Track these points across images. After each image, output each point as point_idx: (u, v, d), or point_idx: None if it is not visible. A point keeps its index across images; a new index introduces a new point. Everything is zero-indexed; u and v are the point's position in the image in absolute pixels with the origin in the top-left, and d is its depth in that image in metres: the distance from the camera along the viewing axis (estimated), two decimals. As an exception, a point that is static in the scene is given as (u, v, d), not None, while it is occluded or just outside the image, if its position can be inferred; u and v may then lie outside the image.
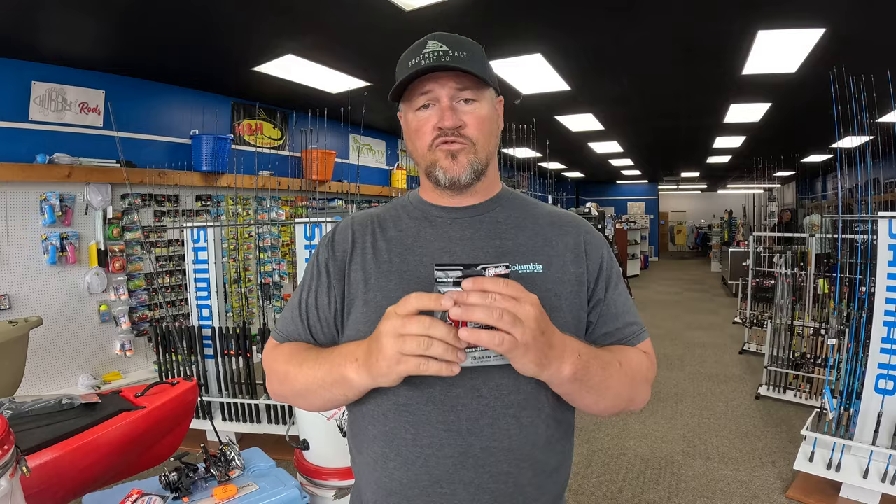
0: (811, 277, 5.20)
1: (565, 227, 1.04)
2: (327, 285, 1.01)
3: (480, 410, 0.91)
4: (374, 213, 1.09)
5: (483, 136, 0.97)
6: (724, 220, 17.26)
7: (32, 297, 4.25)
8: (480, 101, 0.97)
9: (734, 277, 9.57)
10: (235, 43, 4.28)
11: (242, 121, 6.16)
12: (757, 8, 3.67)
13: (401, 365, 0.74)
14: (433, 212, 1.04)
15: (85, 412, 2.15)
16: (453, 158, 0.95)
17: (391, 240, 1.02)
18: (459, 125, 0.94)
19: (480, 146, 0.97)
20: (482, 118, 0.97)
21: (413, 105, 0.98)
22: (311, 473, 2.54)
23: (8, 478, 1.34)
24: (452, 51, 0.94)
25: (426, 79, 0.94)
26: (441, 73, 0.94)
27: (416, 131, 0.98)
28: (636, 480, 3.40)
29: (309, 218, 3.48)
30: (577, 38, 4.30)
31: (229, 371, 3.82)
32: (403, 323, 0.73)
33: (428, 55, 0.93)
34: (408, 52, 0.98)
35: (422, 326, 0.72)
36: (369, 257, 1.00)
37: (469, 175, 0.96)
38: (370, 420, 0.97)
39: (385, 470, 0.95)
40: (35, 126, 4.32)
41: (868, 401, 2.96)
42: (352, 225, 1.06)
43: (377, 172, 8.35)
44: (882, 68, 3.55)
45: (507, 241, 1.00)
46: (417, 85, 0.95)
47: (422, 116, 0.97)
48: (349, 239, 1.04)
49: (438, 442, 0.91)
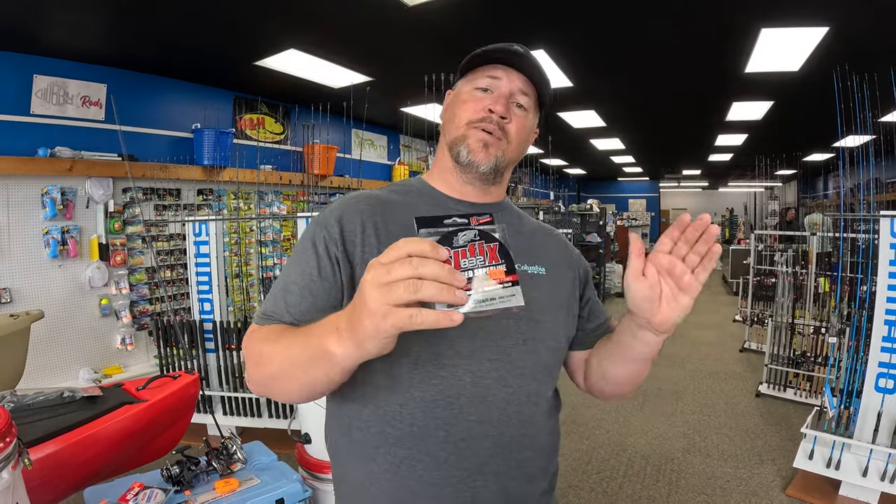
0: (812, 276, 5.20)
1: (552, 238, 1.14)
2: (331, 269, 0.92)
3: (507, 399, 0.92)
4: (380, 194, 1.03)
5: (518, 140, 1.02)
6: (726, 218, 17.28)
7: (33, 290, 4.25)
8: (529, 114, 1.03)
9: (735, 275, 9.58)
10: (238, 37, 4.27)
11: (244, 115, 6.15)
12: (761, 6, 3.66)
13: (388, 319, 0.61)
14: (448, 203, 1.04)
15: (86, 405, 2.16)
16: (484, 147, 0.98)
17: (404, 225, 0.91)
18: (507, 117, 0.98)
19: (512, 148, 1.01)
20: (524, 126, 1.02)
21: (474, 82, 1.01)
22: (312, 467, 2.54)
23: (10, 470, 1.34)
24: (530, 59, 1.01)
25: (498, 66, 1.00)
26: (514, 70, 1.00)
27: (464, 103, 1.00)
28: (636, 477, 3.41)
29: (310, 212, 3.48)
30: (579, 35, 4.29)
31: (230, 365, 3.82)
32: (388, 269, 0.62)
33: (512, 52, 0.99)
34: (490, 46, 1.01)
35: (409, 268, 0.60)
36: (384, 240, 0.93)
37: (489, 167, 0.99)
38: (388, 422, 0.90)
39: (412, 472, 0.90)
40: (37, 119, 4.31)
41: (868, 399, 2.96)
42: (358, 206, 0.97)
43: (379, 167, 8.34)
44: (885, 68, 3.55)
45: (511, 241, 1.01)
46: (488, 69, 1.00)
47: (476, 94, 1.00)
48: (357, 221, 0.95)
49: (472, 435, 0.90)
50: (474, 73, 1.02)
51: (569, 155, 12.25)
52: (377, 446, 0.91)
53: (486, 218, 0.70)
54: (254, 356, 0.87)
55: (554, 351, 1.02)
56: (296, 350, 0.78)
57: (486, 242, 0.69)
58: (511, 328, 0.95)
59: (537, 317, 0.98)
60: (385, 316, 0.61)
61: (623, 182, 19.40)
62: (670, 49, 4.58)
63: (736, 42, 4.37)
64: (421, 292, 0.60)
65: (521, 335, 0.95)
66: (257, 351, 0.87)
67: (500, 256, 0.68)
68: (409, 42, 4.36)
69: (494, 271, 0.67)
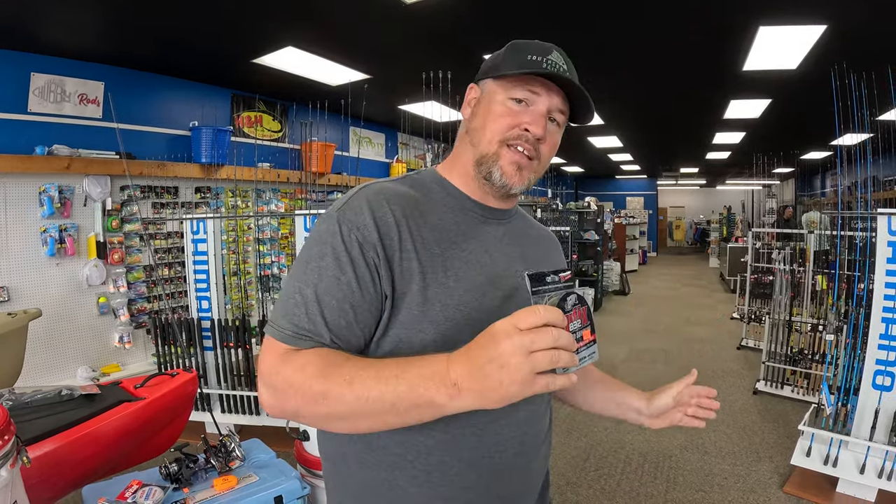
0: (809, 274, 5.21)
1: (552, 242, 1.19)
2: (370, 278, 0.83)
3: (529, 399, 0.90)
4: (401, 190, 0.93)
5: (548, 158, 0.99)
6: (723, 215, 17.28)
7: (31, 288, 4.24)
8: (560, 130, 0.99)
9: (732, 273, 9.58)
10: (235, 35, 4.26)
11: (242, 113, 6.13)
12: (759, 4, 3.66)
13: (533, 386, 0.65)
14: (468, 205, 0.99)
15: (85, 403, 2.15)
16: (518, 170, 0.95)
17: (435, 228, 0.91)
18: (542, 139, 0.95)
19: (541, 167, 0.99)
20: (555, 144, 0.99)
21: (510, 92, 0.94)
22: (311, 464, 2.55)
23: (8, 468, 1.34)
24: (571, 74, 0.95)
25: (538, 80, 0.93)
26: (554, 85, 0.94)
27: (498, 116, 0.94)
28: (634, 474, 3.42)
29: (308, 210, 3.48)
30: (577, 33, 4.29)
31: (228, 363, 3.81)
32: (532, 339, 0.64)
33: (553, 63, 0.92)
34: (527, 44, 0.95)
35: (551, 339, 0.64)
36: (420, 245, 0.87)
37: (522, 189, 0.98)
38: (420, 430, 0.85)
39: (445, 477, 0.89)
40: (34, 117, 4.29)
41: (865, 396, 2.97)
42: (388, 203, 0.88)
43: (377, 165, 8.33)
44: (883, 66, 3.55)
45: (526, 247, 1.06)
46: (528, 80, 0.93)
47: (512, 107, 0.93)
48: (391, 221, 0.86)
49: (502, 437, 0.93)
50: (512, 81, 0.93)
51: (567, 153, 12.26)
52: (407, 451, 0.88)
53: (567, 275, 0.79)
54: (311, 394, 0.75)
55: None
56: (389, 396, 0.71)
57: (581, 305, 0.75)
58: None
59: None
60: (530, 384, 0.65)
61: (621, 180, 19.42)
62: (668, 47, 4.57)
63: (734, 40, 4.37)
64: (560, 363, 0.65)
65: None
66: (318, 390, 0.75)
67: (588, 318, 0.76)
68: (407, 40, 4.36)
69: (587, 332, 0.76)
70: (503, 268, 0.96)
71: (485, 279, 0.91)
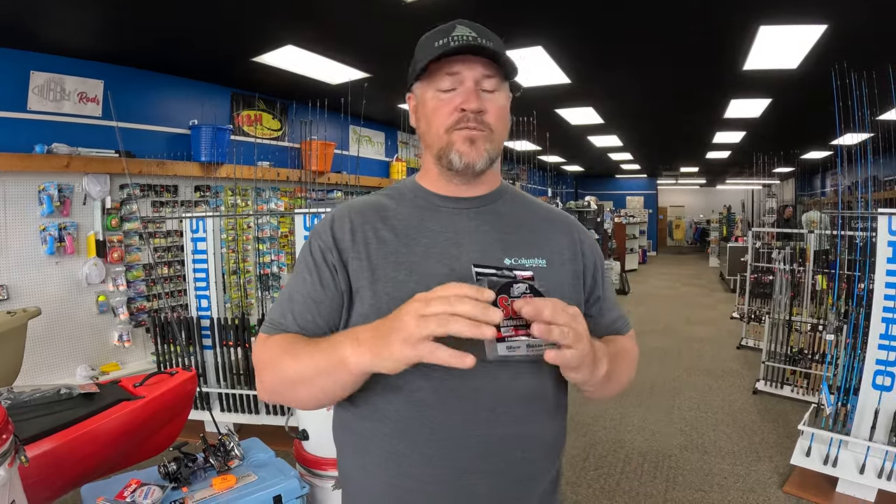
0: (809, 273, 5.21)
1: (559, 225, 1.07)
2: (330, 277, 0.96)
3: (497, 398, 0.91)
4: (371, 200, 1.05)
5: (501, 125, 0.98)
6: (723, 215, 17.27)
7: (30, 287, 4.23)
8: (500, 92, 0.98)
9: (732, 273, 9.58)
10: (235, 33, 4.25)
11: (242, 111, 6.13)
12: (759, 4, 3.66)
13: (416, 349, 0.70)
14: (436, 201, 1.02)
15: (83, 402, 2.15)
16: (472, 144, 0.95)
17: (395, 228, 0.98)
18: (482, 110, 0.94)
19: (497, 135, 0.98)
20: (501, 108, 0.98)
21: (435, 85, 0.96)
22: (310, 464, 2.54)
23: (7, 467, 1.34)
24: (480, 38, 0.94)
25: (454, 60, 0.94)
26: (470, 57, 0.94)
27: (434, 111, 0.96)
28: (633, 473, 3.42)
29: (308, 209, 3.48)
30: (578, 31, 4.28)
31: (228, 362, 3.81)
32: (428, 304, 0.70)
33: (458, 38, 0.93)
34: (432, 34, 0.97)
35: (445, 305, 0.69)
36: (373, 247, 0.96)
37: (484, 162, 0.96)
38: (379, 418, 0.93)
39: (399, 468, 0.92)
40: (33, 116, 4.28)
41: (865, 396, 2.97)
42: (349, 214, 1.01)
43: (376, 164, 8.33)
44: (883, 65, 3.54)
45: (510, 234, 1.01)
46: (444, 65, 0.95)
47: (443, 97, 0.95)
48: (347, 228, 0.98)
49: (458, 433, 0.91)
50: (432, 74, 0.96)
51: (567, 152, 12.25)
52: (371, 439, 0.95)
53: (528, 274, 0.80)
54: (269, 362, 0.92)
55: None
56: (315, 358, 0.84)
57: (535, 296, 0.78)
58: None
59: None
60: (414, 345, 0.70)
61: (621, 179, 19.42)
62: (669, 46, 4.57)
63: (734, 39, 4.36)
64: (448, 326, 0.68)
65: None
66: (272, 358, 0.91)
67: None
68: (407, 38, 4.29)
69: None
70: (475, 258, 0.94)
71: (448, 270, 0.93)
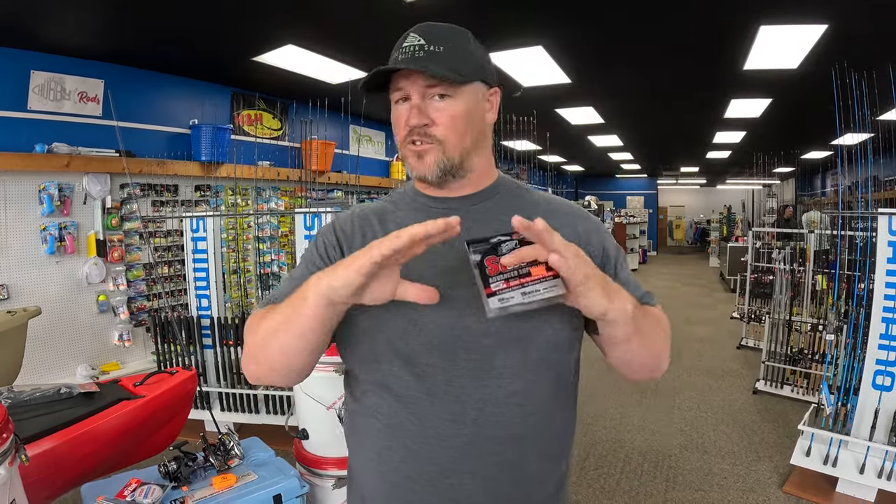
0: (810, 273, 5.20)
1: (563, 218, 1.02)
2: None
3: (485, 399, 0.90)
4: (374, 206, 1.09)
5: (455, 133, 0.95)
6: (723, 215, 17.27)
7: (31, 286, 4.24)
8: (456, 98, 0.94)
9: (732, 273, 9.57)
10: (236, 33, 4.25)
11: (242, 111, 6.13)
12: (760, 3, 3.66)
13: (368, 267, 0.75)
14: (428, 203, 1.03)
15: (84, 401, 2.15)
16: (419, 158, 0.96)
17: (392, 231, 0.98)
18: (426, 123, 0.93)
19: (451, 145, 0.95)
20: (455, 115, 0.94)
21: (392, 97, 0.98)
22: (310, 463, 2.54)
23: (7, 466, 1.34)
24: (429, 45, 0.92)
25: (400, 75, 0.94)
26: (412, 71, 0.92)
27: (395, 124, 0.99)
28: (633, 473, 3.42)
29: (308, 208, 3.48)
30: (578, 31, 4.28)
31: (228, 361, 3.82)
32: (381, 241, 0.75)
33: (405, 50, 0.93)
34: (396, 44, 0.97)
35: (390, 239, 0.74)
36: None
37: (436, 174, 0.95)
38: (373, 413, 0.96)
39: (390, 463, 0.94)
40: (34, 115, 4.29)
41: (865, 396, 2.97)
42: (352, 217, 1.06)
43: (376, 164, 8.34)
44: (884, 65, 3.54)
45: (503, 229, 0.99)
46: (393, 80, 0.96)
47: (399, 110, 0.97)
48: (351, 229, 1.03)
49: (444, 433, 0.90)
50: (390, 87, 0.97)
51: (567, 151, 12.25)
52: (367, 434, 0.98)
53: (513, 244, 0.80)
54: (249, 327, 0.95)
55: (552, 346, 0.94)
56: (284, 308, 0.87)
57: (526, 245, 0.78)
58: (494, 326, 0.89)
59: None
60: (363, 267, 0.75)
61: (621, 179, 19.42)
62: (669, 46, 4.57)
63: (735, 39, 4.36)
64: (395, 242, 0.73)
65: (507, 332, 0.91)
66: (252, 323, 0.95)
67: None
68: (408, 38, 4.34)
69: (536, 268, 0.77)
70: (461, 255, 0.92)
71: (434, 270, 0.93)
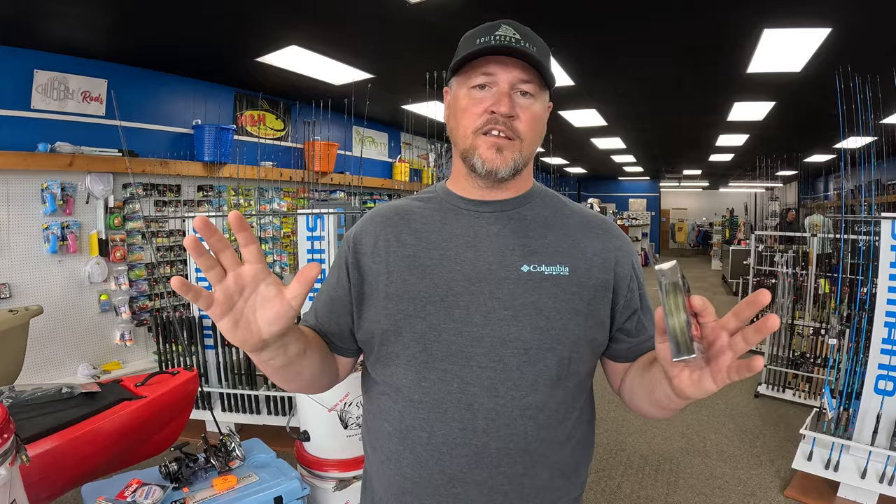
0: (812, 277, 5.19)
1: (596, 231, 1.00)
2: (346, 278, 1.00)
3: (497, 410, 0.89)
4: (399, 204, 1.06)
5: (532, 133, 0.94)
6: (726, 218, 17.22)
7: (33, 285, 4.24)
8: (536, 99, 0.94)
9: (735, 276, 9.57)
10: (239, 33, 4.26)
11: (245, 111, 6.13)
12: (763, 7, 3.65)
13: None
14: (459, 204, 1.01)
15: (85, 401, 2.15)
16: (498, 151, 0.92)
17: (417, 231, 0.99)
18: (513, 115, 0.91)
19: (527, 143, 0.94)
20: (536, 115, 0.94)
21: (469, 82, 0.94)
22: (311, 465, 2.54)
23: (7, 466, 1.34)
24: (524, 41, 0.92)
25: (491, 60, 0.92)
26: (508, 59, 0.91)
27: (465, 110, 0.94)
28: (635, 476, 3.41)
29: (311, 209, 3.48)
30: (582, 34, 4.27)
31: (230, 362, 3.81)
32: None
33: (500, 37, 0.91)
34: (476, 31, 0.95)
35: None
36: (393, 249, 0.98)
37: (509, 171, 0.93)
38: (385, 417, 0.96)
39: (398, 467, 0.94)
40: (37, 115, 4.29)
41: (867, 401, 2.95)
42: (374, 218, 1.04)
43: (379, 165, 8.34)
44: (887, 69, 3.54)
45: (534, 239, 0.97)
46: (481, 64, 0.92)
47: (475, 96, 0.93)
48: (371, 231, 1.01)
49: (453, 440, 0.90)
50: (467, 71, 0.94)
51: (570, 154, 12.23)
52: (378, 437, 0.99)
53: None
54: None
55: (568, 361, 0.93)
56: None
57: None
58: (512, 336, 0.89)
59: (546, 324, 0.90)
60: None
61: (623, 181, 19.38)
62: (672, 49, 4.56)
63: (738, 43, 4.35)
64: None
65: (523, 344, 0.90)
66: None
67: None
68: (411, 39, 4.35)
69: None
70: (490, 261, 0.93)
71: (461, 276, 0.93)
